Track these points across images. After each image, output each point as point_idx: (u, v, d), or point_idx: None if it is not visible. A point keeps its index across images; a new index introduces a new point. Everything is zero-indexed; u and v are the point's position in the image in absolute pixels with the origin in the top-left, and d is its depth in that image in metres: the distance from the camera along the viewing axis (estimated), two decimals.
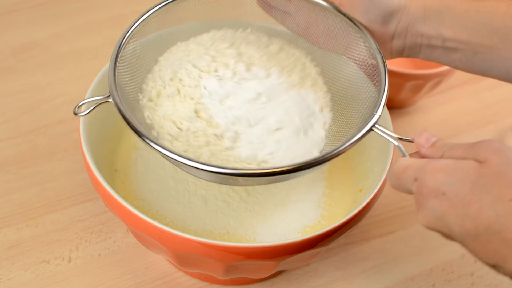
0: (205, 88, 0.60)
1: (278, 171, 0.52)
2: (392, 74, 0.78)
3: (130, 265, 0.67)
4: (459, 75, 0.88)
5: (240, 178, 0.54)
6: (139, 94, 0.60)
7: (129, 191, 0.65)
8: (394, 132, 0.54)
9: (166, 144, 0.57)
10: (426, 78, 0.80)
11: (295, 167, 0.52)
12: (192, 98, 0.59)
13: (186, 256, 0.56)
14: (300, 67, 0.64)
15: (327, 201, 0.67)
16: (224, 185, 0.64)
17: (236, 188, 0.65)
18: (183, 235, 0.54)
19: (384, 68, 0.58)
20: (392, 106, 0.84)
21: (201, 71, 0.61)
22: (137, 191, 0.65)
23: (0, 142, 0.77)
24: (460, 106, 0.89)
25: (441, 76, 0.80)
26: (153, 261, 0.68)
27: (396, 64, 0.84)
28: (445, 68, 0.79)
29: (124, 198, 0.60)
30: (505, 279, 0.68)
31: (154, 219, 0.55)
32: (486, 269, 0.70)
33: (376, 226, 0.73)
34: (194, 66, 0.61)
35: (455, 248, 0.69)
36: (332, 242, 0.58)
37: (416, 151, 0.52)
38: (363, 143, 0.68)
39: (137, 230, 0.56)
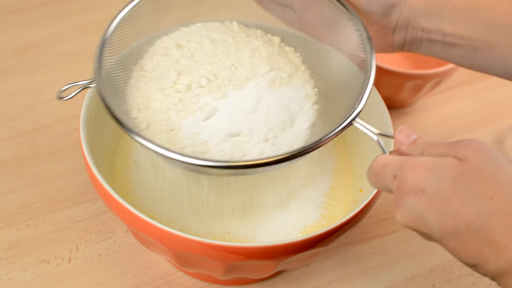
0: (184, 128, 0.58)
1: (253, 164, 0.52)
2: (392, 74, 0.78)
3: (130, 265, 0.67)
4: (459, 75, 0.88)
5: (215, 170, 0.54)
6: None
7: (129, 191, 0.65)
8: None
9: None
10: (426, 78, 0.80)
11: (273, 160, 0.52)
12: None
13: (186, 256, 0.56)
14: (285, 62, 0.64)
15: (327, 201, 0.67)
16: (224, 185, 0.64)
17: (237, 187, 0.65)
18: (183, 235, 0.53)
19: (371, 59, 0.57)
20: (392, 106, 0.84)
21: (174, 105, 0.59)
22: (137, 191, 0.65)
23: (0, 142, 0.77)
24: (460, 106, 0.89)
25: (441, 76, 0.80)
26: (153, 261, 0.68)
27: (396, 64, 0.84)
28: (445, 68, 0.79)
29: (124, 198, 0.60)
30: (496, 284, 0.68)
31: (154, 219, 0.55)
32: None
33: (376, 226, 0.73)
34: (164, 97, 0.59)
35: None
36: (332, 242, 0.58)
37: (396, 149, 0.51)
38: (363, 144, 0.68)
39: (137, 230, 0.56)
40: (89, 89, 0.63)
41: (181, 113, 0.58)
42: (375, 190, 0.59)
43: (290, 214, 0.65)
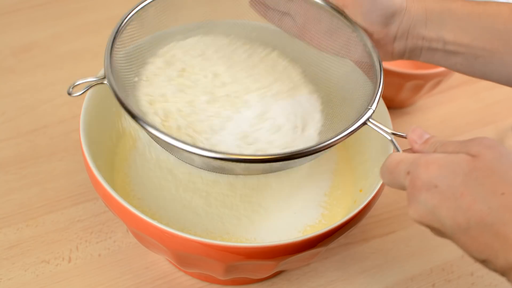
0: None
1: (268, 158, 0.52)
2: (392, 74, 0.78)
3: (130, 265, 0.67)
4: (459, 75, 0.88)
5: (231, 165, 0.54)
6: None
7: (129, 191, 0.65)
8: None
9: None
10: (426, 78, 0.80)
11: (286, 155, 0.52)
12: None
13: (186, 256, 0.56)
14: (285, 76, 0.64)
15: (328, 200, 0.67)
16: (224, 185, 0.64)
17: (237, 187, 0.65)
18: (183, 235, 0.54)
19: (380, 66, 0.58)
20: (392, 106, 0.84)
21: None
22: (137, 191, 0.65)
23: (0, 142, 0.77)
24: (460, 106, 0.89)
25: (441, 76, 0.80)
26: (153, 261, 0.68)
27: (396, 64, 0.84)
28: (445, 68, 0.79)
29: (124, 198, 0.60)
30: (505, 279, 0.68)
31: (154, 219, 0.55)
32: (486, 269, 0.70)
33: (376, 226, 0.73)
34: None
35: (455, 248, 0.68)
36: (332, 242, 0.58)
37: (409, 148, 0.52)
38: (363, 144, 0.68)
39: (137, 230, 0.56)
40: (89, 90, 0.63)
41: (195, 134, 0.58)
42: (375, 190, 0.59)
43: (290, 214, 0.65)
